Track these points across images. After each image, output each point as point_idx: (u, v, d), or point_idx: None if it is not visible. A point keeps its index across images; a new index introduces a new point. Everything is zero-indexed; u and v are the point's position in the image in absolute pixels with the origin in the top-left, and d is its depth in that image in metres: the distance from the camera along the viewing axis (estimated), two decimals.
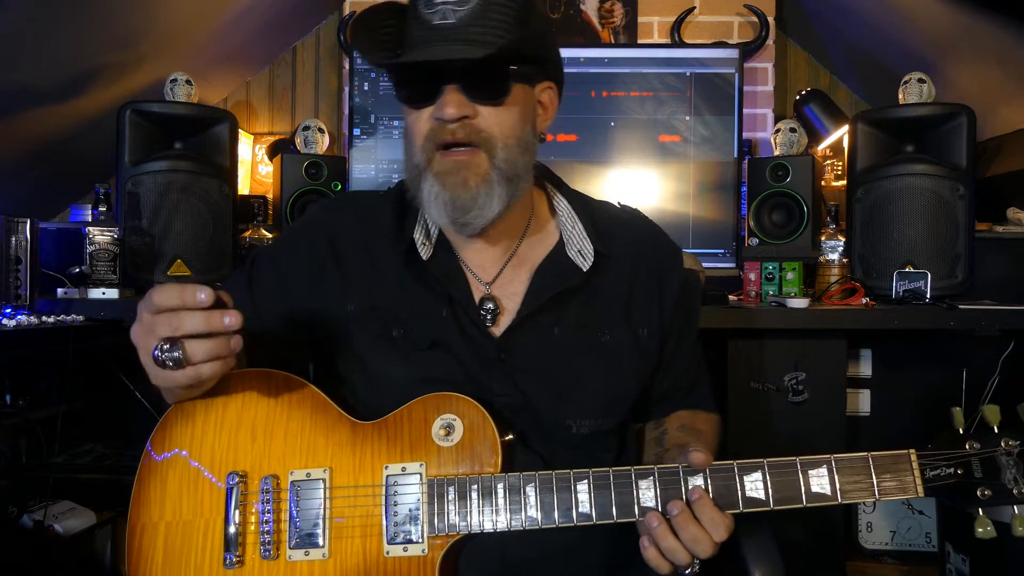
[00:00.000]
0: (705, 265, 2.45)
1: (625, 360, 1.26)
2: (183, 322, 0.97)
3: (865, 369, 2.74)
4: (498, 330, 1.23)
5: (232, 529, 1.11)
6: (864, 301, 2.28)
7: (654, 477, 1.07)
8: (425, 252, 1.25)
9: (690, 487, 1.07)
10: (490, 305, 1.23)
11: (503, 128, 1.16)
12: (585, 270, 1.25)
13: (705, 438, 1.30)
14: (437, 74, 1.13)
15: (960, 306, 2.19)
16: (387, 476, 1.12)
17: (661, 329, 1.31)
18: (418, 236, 1.25)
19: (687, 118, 2.72)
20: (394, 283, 1.24)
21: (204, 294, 0.97)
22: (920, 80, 2.46)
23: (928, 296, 2.26)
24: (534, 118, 1.24)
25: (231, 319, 0.98)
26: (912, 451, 1.05)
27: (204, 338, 0.98)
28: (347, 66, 2.97)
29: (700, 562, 1.06)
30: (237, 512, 1.12)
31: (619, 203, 1.41)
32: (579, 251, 1.26)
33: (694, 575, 1.07)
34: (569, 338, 1.24)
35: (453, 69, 1.12)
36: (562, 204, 1.32)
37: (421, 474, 1.11)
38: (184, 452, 1.16)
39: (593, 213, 1.31)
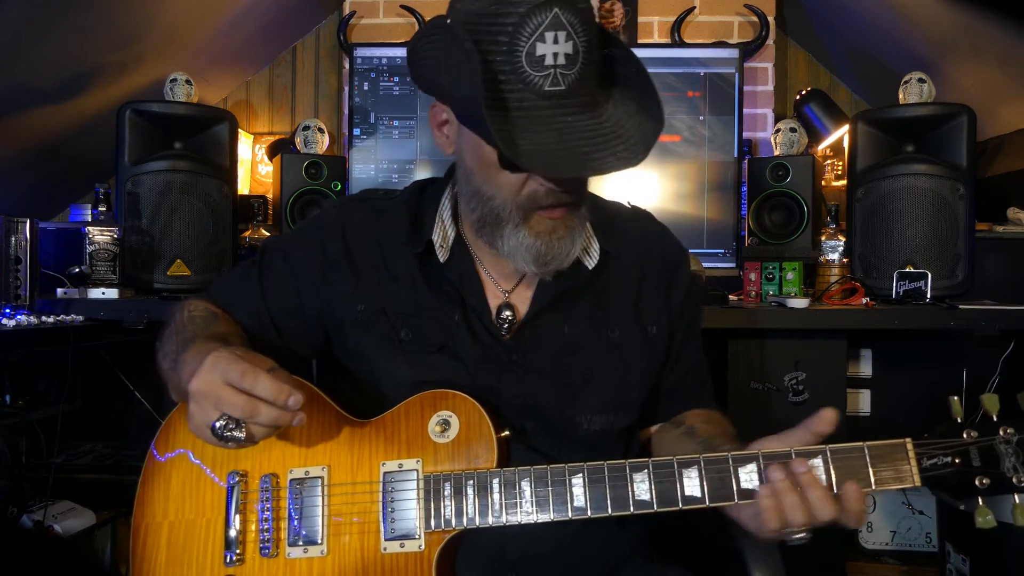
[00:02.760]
0: (705, 265, 2.44)
1: (634, 357, 1.27)
2: (259, 414, 0.97)
3: (865, 369, 2.74)
4: (509, 333, 1.23)
5: (233, 528, 1.12)
6: (864, 301, 2.28)
7: (648, 470, 1.07)
8: (442, 255, 1.24)
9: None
10: (507, 314, 1.23)
11: (589, 185, 1.19)
12: (591, 268, 1.25)
13: (731, 432, 1.29)
14: None
15: (960, 306, 2.19)
16: (384, 473, 1.12)
17: (669, 327, 1.31)
18: (436, 238, 1.24)
19: (687, 118, 2.72)
20: (406, 284, 1.24)
21: (295, 399, 0.97)
22: (920, 80, 2.45)
23: (928, 296, 2.26)
24: None
25: (299, 419, 1.00)
26: (908, 440, 1.04)
27: (266, 426, 0.99)
28: (347, 66, 2.97)
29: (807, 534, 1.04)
30: (237, 511, 1.12)
31: (629, 203, 1.41)
32: (585, 249, 1.26)
33: (802, 540, 1.05)
34: (579, 335, 1.24)
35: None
36: None
37: (417, 471, 1.11)
38: (187, 452, 1.17)
39: (601, 211, 1.31)
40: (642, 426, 1.36)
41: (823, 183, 2.94)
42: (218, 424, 0.97)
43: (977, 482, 1.03)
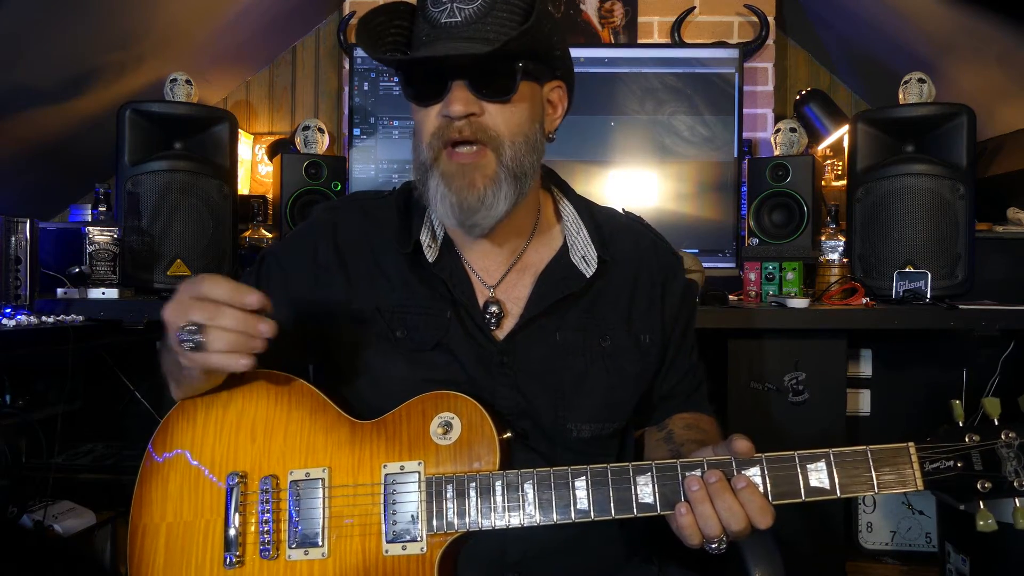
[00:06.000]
0: (705, 265, 2.44)
1: (626, 365, 1.26)
2: (221, 316, 0.99)
3: (865, 369, 2.74)
4: (501, 334, 1.23)
5: (232, 529, 1.12)
6: (864, 301, 2.28)
7: (652, 473, 1.07)
8: (431, 254, 1.24)
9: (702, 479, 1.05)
10: (494, 309, 1.23)
11: (510, 126, 1.16)
12: (588, 276, 1.25)
13: (712, 438, 1.29)
14: (444, 71, 1.13)
15: (960, 306, 2.19)
16: (385, 475, 1.12)
17: (662, 335, 1.31)
18: (424, 238, 1.25)
19: (687, 118, 2.72)
20: (398, 284, 1.24)
21: (254, 298, 0.99)
22: (920, 80, 2.46)
23: (928, 296, 2.26)
24: (542, 117, 1.23)
25: (266, 327, 1.00)
26: (911, 444, 1.04)
27: (229, 331, 0.99)
28: (347, 66, 2.97)
29: (726, 543, 1.04)
30: (237, 512, 1.12)
31: (623, 210, 1.41)
32: (583, 257, 1.26)
33: (719, 552, 1.05)
34: (571, 343, 1.24)
35: (460, 66, 1.12)
36: (567, 209, 1.32)
37: (419, 473, 1.11)
38: (185, 453, 1.17)
39: (597, 219, 1.31)
40: (634, 427, 1.36)
41: (823, 183, 2.94)
42: (179, 333, 0.98)
43: (979, 486, 1.03)
